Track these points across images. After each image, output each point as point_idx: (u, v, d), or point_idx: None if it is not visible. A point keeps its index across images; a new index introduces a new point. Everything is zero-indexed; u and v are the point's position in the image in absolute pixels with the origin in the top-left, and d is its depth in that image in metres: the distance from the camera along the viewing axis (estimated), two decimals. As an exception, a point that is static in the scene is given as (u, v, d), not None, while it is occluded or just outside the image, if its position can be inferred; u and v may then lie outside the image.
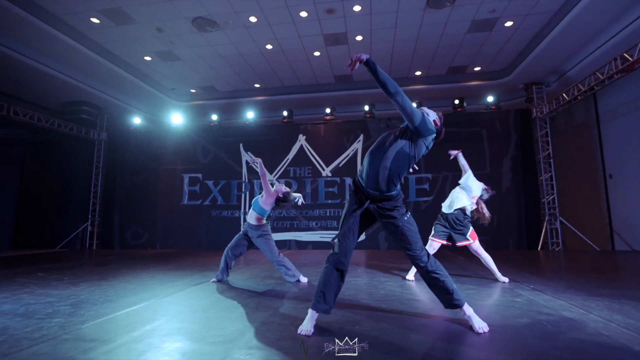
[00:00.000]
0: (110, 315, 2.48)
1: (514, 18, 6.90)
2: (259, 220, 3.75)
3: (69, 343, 1.91)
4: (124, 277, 4.15)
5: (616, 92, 7.75)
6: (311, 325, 2.05)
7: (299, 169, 9.11)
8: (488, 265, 3.72)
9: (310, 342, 1.88)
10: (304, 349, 1.44)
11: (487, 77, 9.26)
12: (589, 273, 4.25)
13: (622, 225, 7.86)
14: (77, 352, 1.77)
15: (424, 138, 2.06)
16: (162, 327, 2.18)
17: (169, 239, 9.30)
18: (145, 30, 7.21)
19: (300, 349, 1.51)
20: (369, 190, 2.13)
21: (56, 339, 1.98)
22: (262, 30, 7.25)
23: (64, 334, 2.06)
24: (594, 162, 8.55)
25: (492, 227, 8.17)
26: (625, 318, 2.26)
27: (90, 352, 1.78)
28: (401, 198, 2.21)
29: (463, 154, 3.84)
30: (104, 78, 8.81)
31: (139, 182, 9.70)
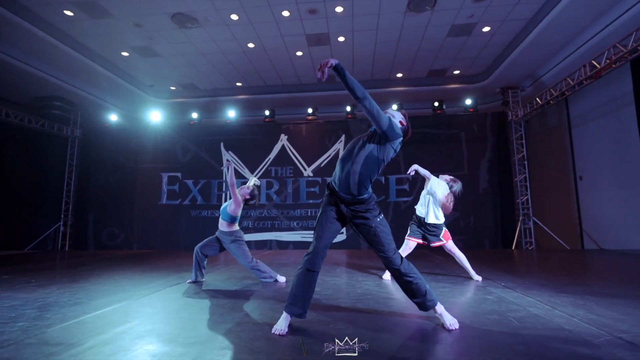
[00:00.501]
0: (79, 318, 2.40)
1: (492, 23, 7.11)
2: (230, 226, 3.72)
3: (31, 347, 1.84)
4: (97, 279, 4.03)
5: (587, 97, 8.10)
6: (285, 324, 2.05)
7: (281, 169, 9.08)
8: (462, 264, 3.81)
9: (284, 341, 1.88)
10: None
11: (465, 81, 9.50)
12: (558, 271, 4.42)
13: (591, 225, 8.22)
14: (40, 357, 1.71)
15: (391, 142, 2.09)
16: (133, 330, 2.13)
17: (147, 240, 9.08)
18: (123, 25, 7.02)
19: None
20: (342, 194, 2.15)
21: (18, 343, 1.90)
22: (244, 28, 7.18)
23: (27, 338, 1.98)
24: (566, 164, 8.91)
25: (470, 227, 8.38)
26: (587, 313, 2.37)
27: (54, 356, 1.72)
28: (374, 201, 2.24)
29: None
30: (78, 73, 8.52)
31: (115, 181, 9.42)
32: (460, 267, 4.25)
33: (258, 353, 1.73)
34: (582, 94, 7.89)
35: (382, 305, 2.73)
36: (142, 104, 10.30)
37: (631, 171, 6.97)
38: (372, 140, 2.11)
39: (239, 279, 4.01)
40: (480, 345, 1.83)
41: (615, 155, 7.44)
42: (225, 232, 3.71)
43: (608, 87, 7.41)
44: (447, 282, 3.65)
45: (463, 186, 3.96)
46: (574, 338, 1.90)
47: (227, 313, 2.53)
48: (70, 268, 5.14)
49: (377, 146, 2.09)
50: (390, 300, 2.93)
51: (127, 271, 4.69)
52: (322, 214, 2.22)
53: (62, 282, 3.86)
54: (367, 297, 2.99)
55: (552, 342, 1.84)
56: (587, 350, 1.72)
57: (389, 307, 2.68)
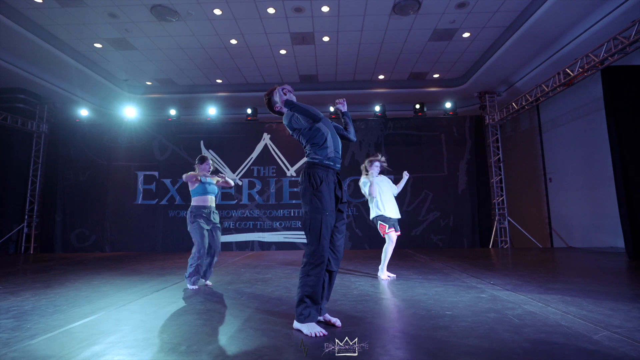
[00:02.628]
0: (64, 327, 2.23)
1: (472, 30, 7.34)
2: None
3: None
4: (73, 284, 3.77)
5: (556, 103, 8.55)
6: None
7: (263, 169, 8.94)
8: (383, 257, 4.01)
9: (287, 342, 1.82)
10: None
11: (445, 84, 9.76)
12: (537, 268, 4.62)
13: (559, 224, 8.68)
14: (29, 372, 1.56)
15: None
16: (127, 339, 2.00)
17: (120, 241, 8.64)
18: (97, 15, 6.64)
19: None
20: (338, 166, 2.38)
21: (0, 357, 1.72)
22: (227, 23, 7.00)
23: (9, 352, 1.80)
24: (537, 167, 9.36)
25: (449, 227, 8.61)
26: (579, 309, 2.47)
27: (46, 371, 1.57)
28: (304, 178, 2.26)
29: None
30: (45, 64, 7.97)
31: (85, 180, 8.90)
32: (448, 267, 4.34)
33: None
34: (553, 100, 8.32)
35: (382, 306, 2.72)
36: (115, 99, 9.81)
37: (597, 173, 7.42)
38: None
39: (227, 283, 3.89)
40: (490, 344, 1.86)
41: (583, 158, 7.90)
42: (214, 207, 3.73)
43: (578, 94, 7.86)
44: (438, 282, 3.71)
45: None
46: (573, 334, 1.97)
47: (225, 318, 2.43)
48: (40, 272, 4.79)
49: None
50: (387, 300, 2.93)
51: (105, 275, 4.43)
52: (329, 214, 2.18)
53: (35, 287, 3.58)
54: (365, 298, 2.98)
55: (554, 339, 1.90)
56: (590, 346, 1.79)
57: (389, 307, 2.68)
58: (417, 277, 4.03)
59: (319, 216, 2.09)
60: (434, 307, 2.63)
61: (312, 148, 2.25)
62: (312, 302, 2.05)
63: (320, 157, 2.23)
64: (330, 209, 2.14)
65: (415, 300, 2.87)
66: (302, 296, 2.06)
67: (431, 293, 3.14)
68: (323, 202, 2.11)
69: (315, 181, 2.14)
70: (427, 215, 8.64)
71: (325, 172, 2.20)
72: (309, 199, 2.13)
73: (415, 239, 8.51)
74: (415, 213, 8.65)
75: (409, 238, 8.45)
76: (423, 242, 8.52)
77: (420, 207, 8.67)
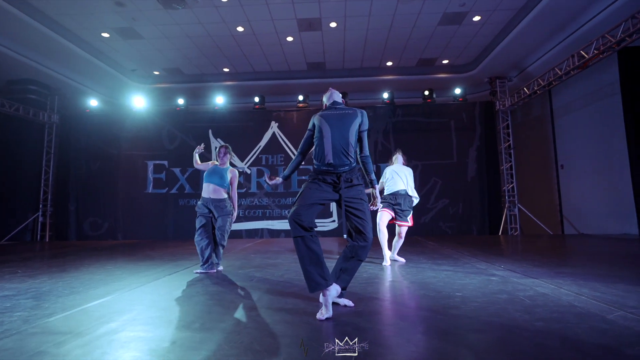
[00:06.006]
0: (81, 307, 2.28)
1: (482, 13, 7.14)
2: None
3: (37, 337, 1.72)
4: (88, 269, 3.86)
5: (569, 88, 8.33)
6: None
7: (272, 157, 8.95)
8: (395, 245, 4.10)
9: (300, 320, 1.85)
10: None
11: (454, 70, 9.58)
12: (548, 254, 4.57)
13: (570, 211, 8.56)
14: (48, 346, 1.60)
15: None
16: (142, 317, 2.04)
17: (132, 230, 8.80)
18: (103, 4, 6.64)
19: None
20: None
21: (21, 333, 1.78)
22: (234, 10, 6.94)
23: (29, 328, 1.86)
24: (548, 153, 9.19)
25: (458, 214, 8.56)
26: (592, 291, 2.45)
27: (64, 345, 1.62)
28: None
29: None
30: (55, 55, 8.03)
31: (96, 169, 9.03)
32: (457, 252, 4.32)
33: (280, 337, 1.68)
34: (565, 85, 8.10)
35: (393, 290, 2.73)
36: (124, 89, 9.86)
37: (611, 159, 7.26)
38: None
39: (238, 267, 3.94)
40: (501, 321, 1.85)
41: (597, 144, 7.72)
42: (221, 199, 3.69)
43: (592, 78, 7.64)
44: (447, 266, 3.70)
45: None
46: (587, 314, 1.95)
47: (237, 298, 2.47)
48: (56, 258, 4.91)
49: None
50: (397, 282, 2.94)
51: (118, 261, 4.53)
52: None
53: (51, 272, 3.67)
54: (375, 281, 2.99)
55: (568, 318, 1.88)
56: (604, 325, 1.77)
57: (399, 290, 2.69)
58: (426, 262, 4.03)
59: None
60: (444, 289, 2.62)
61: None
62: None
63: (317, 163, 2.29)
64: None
65: (425, 283, 2.87)
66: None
67: (441, 276, 3.14)
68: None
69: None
70: (436, 203, 8.59)
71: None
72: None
73: (424, 227, 8.48)
74: (424, 200, 8.60)
75: (418, 225, 8.42)
76: (432, 229, 8.49)
77: (429, 194, 8.61)
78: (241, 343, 1.60)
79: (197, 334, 1.73)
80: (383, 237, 3.94)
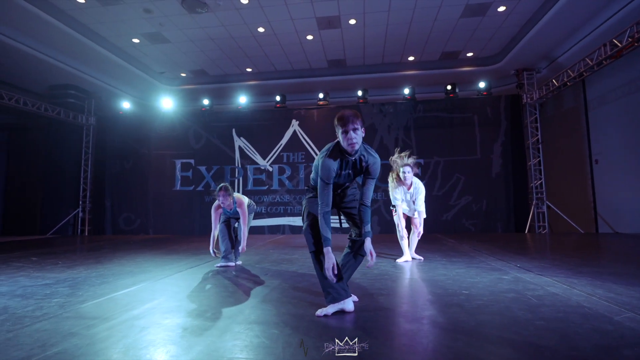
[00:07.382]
0: (109, 295, 2.52)
1: (507, 2, 6.89)
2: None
3: (70, 320, 1.95)
4: (119, 261, 4.17)
5: (605, 78, 7.86)
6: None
7: (293, 155, 9.11)
8: (412, 241, 4.08)
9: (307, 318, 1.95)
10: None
11: (479, 63, 9.29)
12: (572, 253, 4.41)
13: (606, 209, 8.10)
14: (79, 328, 1.81)
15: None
16: (162, 306, 2.23)
17: (162, 225, 9.29)
18: (133, 11, 7.01)
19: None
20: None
21: (57, 317, 2.01)
22: (254, 12, 7.11)
23: (64, 313, 2.09)
24: (581, 148, 8.73)
25: (482, 211, 8.35)
26: (606, 292, 2.38)
27: (93, 327, 1.82)
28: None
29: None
30: (91, 61, 8.58)
31: (129, 168, 9.59)
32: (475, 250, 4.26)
33: (285, 327, 1.80)
34: (600, 75, 7.66)
35: (401, 285, 2.78)
36: (153, 91, 10.37)
37: (650, 154, 6.80)
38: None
39: (256, 262, 4.11)
40: (501, 320, 1.87)
41: (634, 138, 7.26)
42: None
43: (630, 68, 7.17)
44: (461, 264, 3.68)
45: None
46: (594, 315, 1.92)
47: (250, 291, 2.62)
48: (92, 251, 5.32)
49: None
50: (405, 280, 2.98)
51: (147, 254, 4.84)
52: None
53: (87, 263, 4.01)
54: (384, 277, 3.05)
55: (572, 318, 1.87)
56: (609, 326, 1.75)
57: (407, 286, 2.73)
58: (440, 260, 4.02)
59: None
60: (451, 287, 2.64)
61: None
62: None
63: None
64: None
65: (434, 280, 2.90)
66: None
67: (452, 274, 3.15)
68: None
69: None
70: (459, 200, 8.42)
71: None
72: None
73: (446, 224, 8.35)
74: (446, 197, 8.46)
75: (439, 223, 8.31)
76: (454, 227, 8.34)
77: (451, 191, 8.46)
78: (245, 334, 1.73)
79: (207, 323, 1.89)
80: (404, 241, 3.97)
